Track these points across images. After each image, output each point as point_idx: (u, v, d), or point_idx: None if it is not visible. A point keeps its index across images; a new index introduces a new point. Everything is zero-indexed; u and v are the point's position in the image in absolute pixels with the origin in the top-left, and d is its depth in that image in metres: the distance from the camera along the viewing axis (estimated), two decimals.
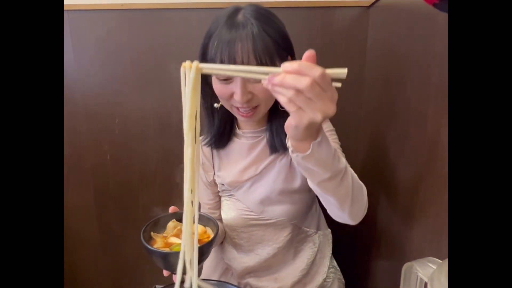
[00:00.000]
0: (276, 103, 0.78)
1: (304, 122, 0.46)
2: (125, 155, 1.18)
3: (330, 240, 0.97)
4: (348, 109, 1.13)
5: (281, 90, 0.45)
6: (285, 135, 0.79)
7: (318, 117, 0.45)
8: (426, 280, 0.46)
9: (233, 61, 0.67)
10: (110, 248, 1.26)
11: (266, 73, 0.47)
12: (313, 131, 0.50)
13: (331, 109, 0.45)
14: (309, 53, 0.45)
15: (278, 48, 0.71)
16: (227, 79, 0.71)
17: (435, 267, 0.46)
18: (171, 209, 0.81)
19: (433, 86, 0.66)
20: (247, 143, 0.85)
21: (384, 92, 0.95)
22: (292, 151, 0.55)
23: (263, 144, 0.83)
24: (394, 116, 0.87)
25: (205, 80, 0.80)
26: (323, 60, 1.04)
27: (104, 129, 1.16)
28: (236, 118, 0.85)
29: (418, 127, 0.72)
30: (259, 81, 0.70)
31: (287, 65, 0.44)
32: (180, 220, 0.75)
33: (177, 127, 1.14)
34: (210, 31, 0.72)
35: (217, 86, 0.74)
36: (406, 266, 0.51)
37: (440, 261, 0.48)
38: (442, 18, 0.62)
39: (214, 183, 0.91)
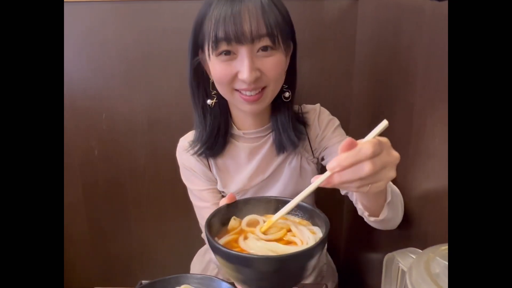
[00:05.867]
0: (279, 94, 0.71)
1: (382, 187, 0.46)
2: (113, 151, 1.17)
3: None
4: (337, 101, 1.12)
5: (346, 186, 0.44)
6: (292, 129, 0.72)
7: (392, 174, 0.45)
8: (406, 270, 0.46)
9: (240, 34, 0.59)
10: (99, 244, 1.25)
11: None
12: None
13: (396, 156, 0.46)
14: (348, 142, 0.43)
15: (285, 25, 0.64)
16: (230, 54, 0.62)
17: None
18: (229, 197, 0.56)
19: (419, 78, 0.65)
20: (249, 146, 0.75)
21: (373, 84, 0.94)
22: (368, 215, 0.61)
23: (268, 145, 0.75)
24: (383, 108, 0.86)
25: (196, 74, 0.72)
26: (311, 53, 1.04)
27: (91, 124, 1.14)
28: (232, 117, 0.76)
29: (405, 118, 0.71)
30: (267, 55, 0.63)
31: (335, 166, 0.42)
32: (236, 214, 0.55)
33: (166, 122, 1.13)
34: (203, 13, 0.64)
35: (217, 68, 0.64)
36: (387, 256, 0.50)
37: (421, 251, 0.47)
38: (429, 9, 0.61)
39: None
